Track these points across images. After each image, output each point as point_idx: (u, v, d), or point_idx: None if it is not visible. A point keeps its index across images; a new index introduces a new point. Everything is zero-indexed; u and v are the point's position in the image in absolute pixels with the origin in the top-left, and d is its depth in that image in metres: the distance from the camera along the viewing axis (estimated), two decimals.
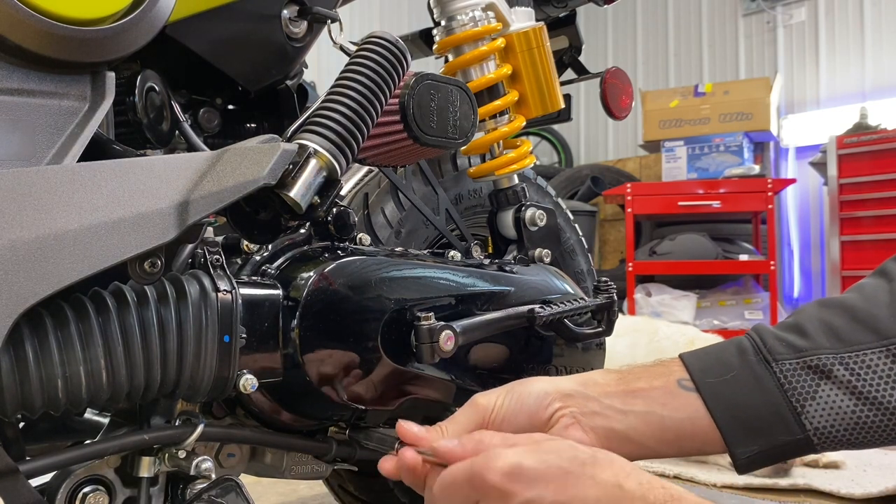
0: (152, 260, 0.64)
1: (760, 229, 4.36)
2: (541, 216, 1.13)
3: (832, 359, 0.66)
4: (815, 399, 0.66)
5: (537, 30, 1.14)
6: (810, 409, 0.66)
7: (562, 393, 0.69)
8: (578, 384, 0.70)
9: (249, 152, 0.68)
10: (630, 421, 0.68)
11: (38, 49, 0.63)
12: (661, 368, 0.72)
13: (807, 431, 0.66)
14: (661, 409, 0.68)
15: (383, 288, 0.81)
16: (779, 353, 0.68)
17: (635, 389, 0.70)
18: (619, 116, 1.28)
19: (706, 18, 5.63)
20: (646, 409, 0.68)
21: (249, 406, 0.78)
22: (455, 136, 0.94)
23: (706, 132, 4.52)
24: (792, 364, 0.67)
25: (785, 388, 0.66)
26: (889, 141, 3.79)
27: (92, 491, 0.67)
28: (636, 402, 0.69)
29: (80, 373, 0.61)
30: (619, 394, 0.69)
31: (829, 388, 0.66)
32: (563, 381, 0.71)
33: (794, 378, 0.66)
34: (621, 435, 0.68)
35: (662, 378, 0.70)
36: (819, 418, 0.66)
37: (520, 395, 0.69)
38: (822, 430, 0.66)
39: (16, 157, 0.63)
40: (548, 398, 0.68)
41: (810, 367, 0.67)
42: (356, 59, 0.82)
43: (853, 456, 1.88)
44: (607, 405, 0.69)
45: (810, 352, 0.67)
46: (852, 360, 0.66)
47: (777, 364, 0.67)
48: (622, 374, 0.72)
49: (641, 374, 0.71)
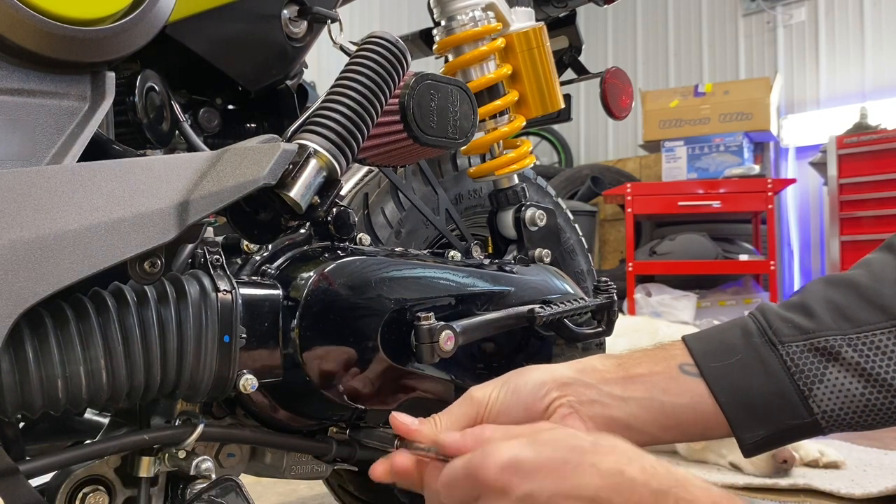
0: (152, 260, 0.64)
1: (760, 229, 4.37)
2: (541, 216, 1.13)
3: (840, 340, 0.65)
4: (823, 382, 0.64)
5: (537, 30, 1.14)
6: (818, 393, 0.64)
7: (559, 382, 0.68)
8: (576, 371, 0.69)
9: (249, 152, 0.68)
10: (630, 408, 0.67)
11: (39, 49, 0.63)
12: (662, 353, 0.70)
13: (814, 415, 0.65)
14: (662, 395, 0.67)
15: (383, 288, 0.81)
16: (785, 334, 0.66)
17: (635, 375, 0.68)
18: (619, 116, 1.28)
19: (706, 18, 5.63)
20: (646, 396, 0.67)
21: (249, 406, 0.78)
22: (455, 136, 0.94)
23: (706, 132, 4.52)
24: (798, 346, 0.66)
25: (792, 371, 0.65)
26: (889, 141, 3.79)
27: (92, 491, 0.67)
28: (636, 388, 0.67)
29: (80, 373, 0.61)
30: (618, 380, 0.68)
31: (836, 371, 0.64)
32: (560, 369, 0.69)
33: (800, 361, 0.65)
34: (621, 422, 0.67)
35: (663, 363, 0.69)
36: (827, 401, 0.64)
37: (515, 387, 0.68)
38: (830, 413, 0.64)
39: (16, 157, 0.63)
40: (544, 388, 0.67)
41: (817, 349, 0.65)
42: (356, 60, 0.82)
43: (853, 456, 1.88)
44: (606, 392, 0.67)
45: (817, 333, 0.66)
46: (860, 340, 0.64)
47: (783, 346, 0.66)
48: (621, 359, 0.71)
49: (641, 359, 0.70)
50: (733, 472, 1.75)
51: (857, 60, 4.83)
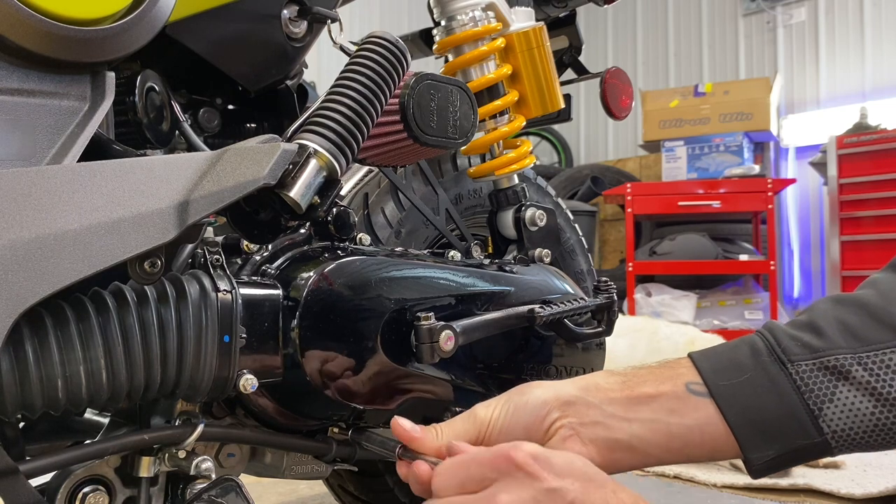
0: (152, 260, 0.64)
1: (760, 229, 4.37)
2: (541, 216, 1.13)
3: (850, 359, 0.64)
4: (833, 401, 0.63)
5: (537, 30, 1.14)
6: (828, 412, 0.63)
7: (561, 401, 0.66)
8: (580, 389, 0.67)
9: (249, 152, 0.68)
10: (634, 429, 0.66)
11: (39, 49, 0.63)
12: (668, 371, 0.69)
13: (824, 435, 0.63)
14: (668, 417, 0.65)
15: (383, 288, 0.81)
16: (794, 353, 0.65)
17: (640, 395, 0.67)
18: (619, 116, 1.28)
19: (706, 18, 5.63)
20: (652, 418, 0.66)
21: (249, 406, 0.78)
22: (455, 136, 0.94)
23: (706, 132, 4.52)
24: (808, 365, 0.64)
25: (801, 390, 0.64)
26: (889, 141, 3.79)
27: (92, 491, 0.67)
28: (641, 409, 0.66)
29: (80, 373, 0.61)
30: (622, 400, 0.67)
31: (847, 390, 0.63)
32: (563, 387, 0.68)
33: (810, 380, 0.64)
34: (624, 444, 0.66)
35: (670, 382, 0.67)
36: (837, 421, 0.63)
37: (516, 407, 0.67)
38: (841, 432, 0.63)
39: (16, 157, 0.63)
40: (545, 408, 0.66)
41: (827, 368, 0.64)
42: (356, 60, 0.82)
43: (853, 456, 1.87)
44: (609, 413, 0.66)
45: (827, 352, 0.64)
46: (871, 359, 0.63)
47: (793, 365, 0.65)
48: (626, 376, 0.69)
49: (647, 378, 0.68)
50: (733, 472, 1.75)
51: (857, 60, 4.83)
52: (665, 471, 1.78)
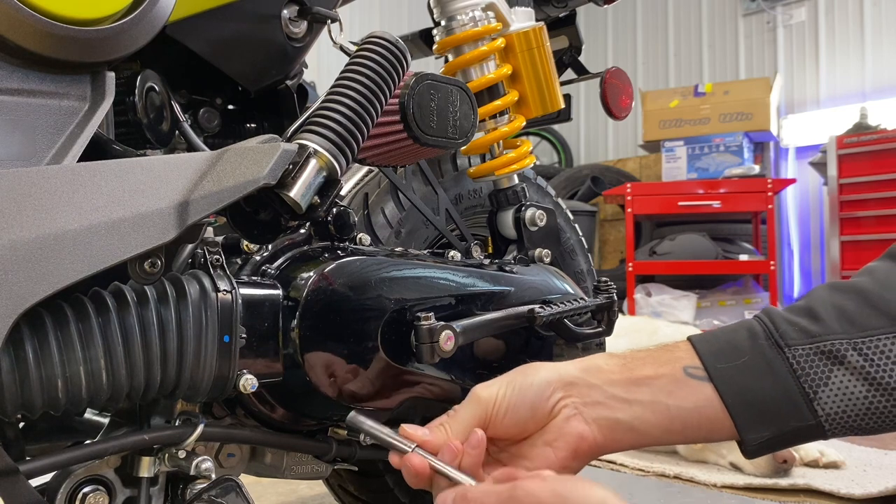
0: (152, 260, 0.64)
1: (760, 229, 4.37)
2: (541, 216, 1.13)
3: (845, 344, 0.65)
4: (828, 385, 0.65)
5: (537, 30, 1.14)
6: (823, 395, 0.65)
7: (564, 381, 0.68)
8: (581, 371, 0.69)
9: (249, 152, 0.68)
10: (635, 410, 0.67)
11: (39, 49, 0.63)
12: (667, 354, 0.70)
13: (819, 417, 0.65)
14: (667, 398, 0.67)
15: (383, 288, 0.81)
16: (791, 337, 0.67)
17: (640, 377, 0.68)
18: (619, 116, 1.28)
19: (706, 18, 5.63)
20: (651, 399, 0.67)
21: (249, 406, 0.78)
22: (455, 136, 0.94)
23: (706, 132, 4.53)
24: (805, 349, 0.66)
25: (797, 373, 0.66)
26: (889, 141, 3.79)
27: (92, 491, 0.67)
28: (641, 391, 0.68)
29: (80, 373, 0.61)
30: (622, 382, 0.69)
31: (841, 374, 0.65)
32: (565, 367, 0.70)
33: (806, 364, 0.66)
34: (625, 425, 0.67)
35: (668, 365, 0.69)
36: (831, 404, 0.65)
37: (521, 387, 0.68)
38: (834, 416, 0.65)
39: (16, 157, 0.63)
40: (549, 388, 0.68)
41: (823, 353, 0.66)
42: (356, 60, 0.82)
43: (853, 456, 1.88)
44: (610, 394, 0.68)
45: (823, 337, 0.66)
46: (866, 345, 0.65)
47: (789, 349, 0.66)
48: (626, 359, 0.71)
49: (647, 360, 0.70)
50: (733, 472, 1.75)
51: (857, 60, 4.83)
52: (665, 471, 1.78)
